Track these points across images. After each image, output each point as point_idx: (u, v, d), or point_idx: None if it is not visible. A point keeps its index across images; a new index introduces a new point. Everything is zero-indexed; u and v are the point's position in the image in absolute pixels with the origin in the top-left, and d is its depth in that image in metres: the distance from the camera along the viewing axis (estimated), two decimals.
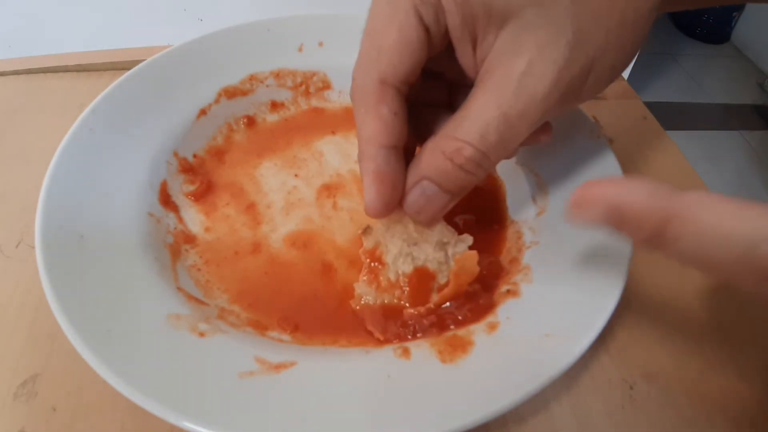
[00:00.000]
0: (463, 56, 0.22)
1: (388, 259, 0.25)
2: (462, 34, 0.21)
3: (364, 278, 0.25)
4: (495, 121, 0.20)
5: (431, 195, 0.22)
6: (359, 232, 0.26)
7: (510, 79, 0.20)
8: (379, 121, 0.21)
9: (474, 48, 0.22)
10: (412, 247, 0.25)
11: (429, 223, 0.24)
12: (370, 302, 0.25)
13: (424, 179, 0.22)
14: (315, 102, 0.38)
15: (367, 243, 0.26)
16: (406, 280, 0.25)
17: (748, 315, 0.28)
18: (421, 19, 0.21)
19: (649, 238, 0.17)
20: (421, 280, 0.25)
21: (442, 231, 0.25)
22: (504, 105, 0.20)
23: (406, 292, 0.25)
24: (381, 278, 0.25)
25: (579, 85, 0.21)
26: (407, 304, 0.25)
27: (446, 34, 0.22)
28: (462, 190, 0.22)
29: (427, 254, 0.25)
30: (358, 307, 0.25)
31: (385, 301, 0.25)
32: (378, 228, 0.25)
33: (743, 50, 1.78)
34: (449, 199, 0.22)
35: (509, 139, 0.21)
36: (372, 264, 0.25)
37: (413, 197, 0.22)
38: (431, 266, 0.25)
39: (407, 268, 0.25)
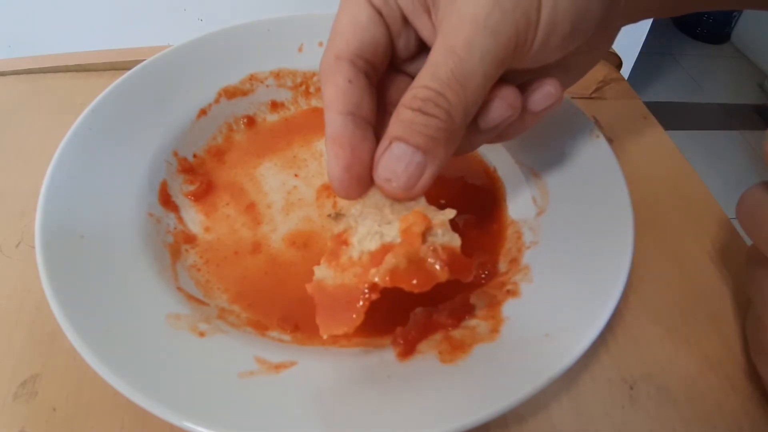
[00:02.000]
0: (424, 31, 0.23)
1: (354, 239, 0.23)
2: (414, 8, 0.22)
3: (325, 261, 0.23)
4: (442, 57, 0.20)
5: (400, 154, 0.21)
6: (328, 215, 0.24)
7: (450, 17, 0.20)
8: (334, 88, 0.22)
9: (430, 18, 0.22)
10: (384, 226, 0.22)
11: (406, 195, 0.22)
12: (328, 283, 0.22)
13: (393, 140, 0.21)
14: (315, 102, 0.38)
15: (337, 227, 0.23)
16: (370, 257, 0.22)
17: (747, 312, 0.28)
18: (370, 2, 0.22)
19: None
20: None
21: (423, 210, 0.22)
22: (448, 39, 0.20)
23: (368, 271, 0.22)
24: (342, 257, 0.23)
25: (529, 5, 0.20)
26: (366, 288, 0.21)
27: (404, 16, 0.23)
28: (433, 144, 0.20)
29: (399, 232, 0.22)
30: (311, 291, 0.23)
31: (345, 281, 0.22)
32: (351, 214, 0.23)
33: (743, 50, 1.78)
34: (422, 159, 0.21)
35: (462, 73, 0.19)
36: (337, 248, 0.23)
37: (383, 162, 0.21)
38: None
39: (373, 245, 0.22)
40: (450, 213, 0.22)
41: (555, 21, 0.20)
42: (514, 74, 0.22)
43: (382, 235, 0.22)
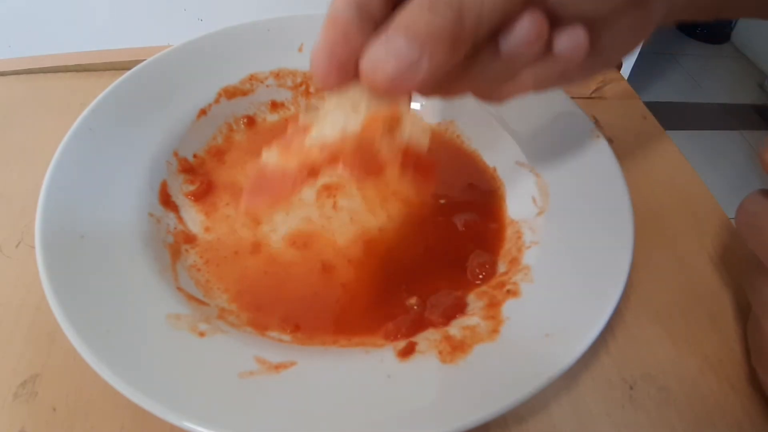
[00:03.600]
0: None
1: (314, 129, 0.21)
2: None
3: (276, 145, 0.21)
4: None
5: (392, 46, 0.19)
6: (302, 109, 0.23)
7: None
8: None
9: None
10: (351, 116, 0.20)
11: (389, 87, 0.19)
12: (268, 168, 0.21)
13: (392, 30, 0.19)
14: (315, 102, 0.38)
15: (303, 119, 0.21)
16: (321, 147, 0.20)
17: (748, 315, 0.28)
18: None
19: None
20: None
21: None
22: None
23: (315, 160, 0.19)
24: (295, 143, 0.20)
25: None
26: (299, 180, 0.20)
27: None
28: (433, 42, 0.18)
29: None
30: (252, 171, 0.21)
31: (286, 167, 0.20)
32: (324, 110, 0.21)
33: (743, 50, 1.78)
34: (417, 54, 0.18)
35: None
36: (294, 136, 0.21)
37: (374, 48, 0.19)
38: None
39: (331, 136, 0.20)
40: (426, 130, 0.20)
41: None
42: None
43: (345, 126, 0.20)
